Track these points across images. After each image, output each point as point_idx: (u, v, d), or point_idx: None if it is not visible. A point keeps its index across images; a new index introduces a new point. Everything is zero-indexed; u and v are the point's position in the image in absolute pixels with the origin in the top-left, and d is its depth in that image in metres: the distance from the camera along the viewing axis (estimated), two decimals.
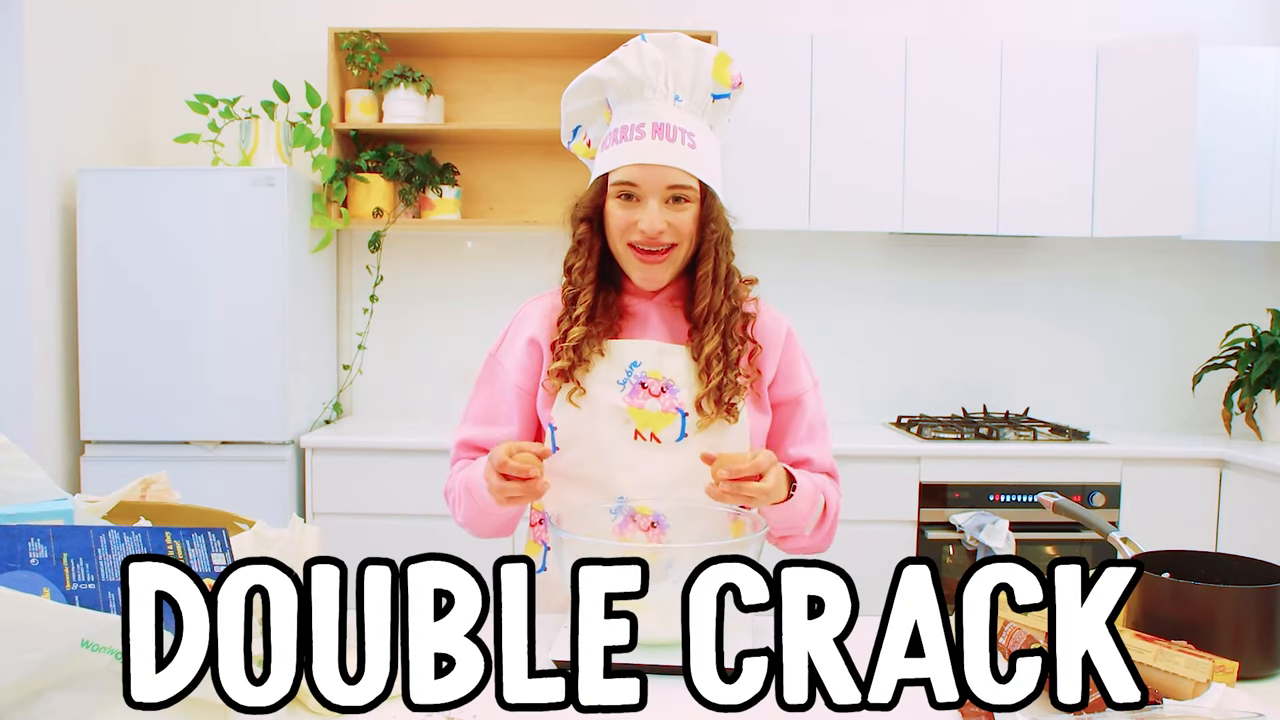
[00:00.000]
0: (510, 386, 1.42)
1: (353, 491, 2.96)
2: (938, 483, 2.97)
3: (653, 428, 1.35)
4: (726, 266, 1.38)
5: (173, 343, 2.91)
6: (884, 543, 2.96)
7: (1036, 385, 3.54)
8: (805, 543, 1.39)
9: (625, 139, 1.33)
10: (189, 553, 1.05)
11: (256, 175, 2.91)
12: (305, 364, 3.11)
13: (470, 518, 1.40)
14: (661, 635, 1.15)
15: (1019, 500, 2.95)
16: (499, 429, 1.42)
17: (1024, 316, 3.54)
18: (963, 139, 3.14)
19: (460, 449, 1.46)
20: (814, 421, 1.43)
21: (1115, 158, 3.15)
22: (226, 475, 2.92)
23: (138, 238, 2.89)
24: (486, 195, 3.46)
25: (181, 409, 2.91)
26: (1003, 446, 3.00)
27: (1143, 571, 1.03)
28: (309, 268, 3.15)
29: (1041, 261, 3.53)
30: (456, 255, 3.50)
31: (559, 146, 3.40)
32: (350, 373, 3.45)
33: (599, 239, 1.39)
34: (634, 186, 1.32)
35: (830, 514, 1.39)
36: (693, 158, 1.32)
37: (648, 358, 1.37)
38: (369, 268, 3.43)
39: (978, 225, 3.18)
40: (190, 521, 1.21)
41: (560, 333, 1.38)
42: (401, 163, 3.24)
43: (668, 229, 1.33)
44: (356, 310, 3.47)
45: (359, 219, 3.24)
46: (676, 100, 1.33)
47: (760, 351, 1.41)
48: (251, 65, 3.36)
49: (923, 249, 3.51)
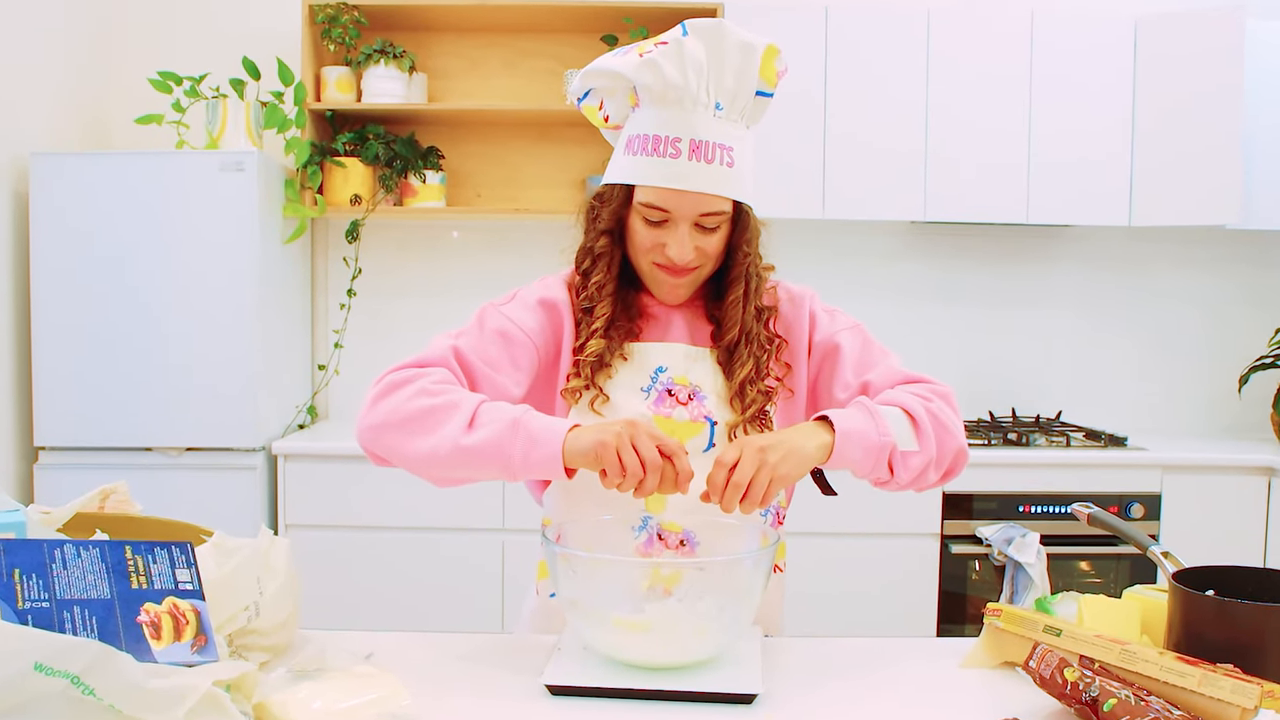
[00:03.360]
0: (519, 335, 1.34)
1: (328, 502, 2.95)
2: (962, 492, 2.97)
3: (680, 438, 1.34)
4: (757, 288, 1.39)
5: (133, 341, 2.90)
6: (904, 557, 2.96)
7: (1069, 387, 3.54)
8: (921, 459, 1.25)
9: (657, 153, 1.29)
10: (151, 569, 1.05)
11: (224, 159, 2.90)
12: (277, 364, 3.11)
13: (469, 452, 1.18)
14: (663, 658, 1.16)
15: (1051, 511, 2.95)
16: (500, 376, 1.31)
17: (1056, 312, 3.53)
18: (990, 120, 3.14)
19: (450, 353, 1.30)
20: (859, 357, 1.38)
21: (1154, 140, 3.15)
22: (192, 484, 2.91)
23: (95, 227, 2.89)
24: (474, 181, 3.46)
25: (143, 413, 2.91)
26: (1033, 453, 3.00)
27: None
28: (281, 259, 3.14)
29: (1074, 253, 3.53)
30: (441, 246, 3.49)
31: (553, 128, 3.40)
32: (326, 373, 3.44)
33: (620, 250, 1.39)
34: (665, 212, 1.31)
35: (922, 416, 1.26)
36: (730, 179, 1.30)
37: (674, 363, 1.38)
38: (346, 260, 3.43)
39: (1005, 214, 3.17)
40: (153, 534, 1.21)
41: (577, 343, 1.38)
42: (381, 146, 3.23)
43: (696, 255, 1.34)
44: (333, 306, 3.46)
45: (335, 207, 3.24)
46: (717, 109, 1.30)
47: (786, 346, 1.42)
48: (219, 40, 3.36)
49: (946, 239, 3.51)
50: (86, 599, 1.01)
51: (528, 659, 1.22)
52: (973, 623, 2.97)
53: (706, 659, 1.17)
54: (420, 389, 1.23)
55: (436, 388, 1.24)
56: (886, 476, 1.26)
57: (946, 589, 2.98)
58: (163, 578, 1.05)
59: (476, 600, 2.97)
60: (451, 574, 2.97)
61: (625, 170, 1.34)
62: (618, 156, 1.37)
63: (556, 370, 1.41)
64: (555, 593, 1.29)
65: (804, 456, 1.20)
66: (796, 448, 1.19)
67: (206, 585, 1.09)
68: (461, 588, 2.97)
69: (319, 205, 3.20)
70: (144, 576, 1.04)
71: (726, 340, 1.38)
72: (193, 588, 1.07)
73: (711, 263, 1.37)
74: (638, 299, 1.42)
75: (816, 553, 2.92)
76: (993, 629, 1.24)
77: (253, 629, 1.16)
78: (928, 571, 2.97)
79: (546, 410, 1.37)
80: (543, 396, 1.41)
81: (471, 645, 1.28)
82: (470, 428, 1.19)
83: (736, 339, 1.38)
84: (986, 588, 2.98)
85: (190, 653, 1.03)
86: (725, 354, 1.39)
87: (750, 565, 1.16)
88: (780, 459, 1.17)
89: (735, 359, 1.37)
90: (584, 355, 1.35)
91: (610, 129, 1.40)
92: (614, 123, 1.39)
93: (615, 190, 1.36)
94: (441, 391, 1.23)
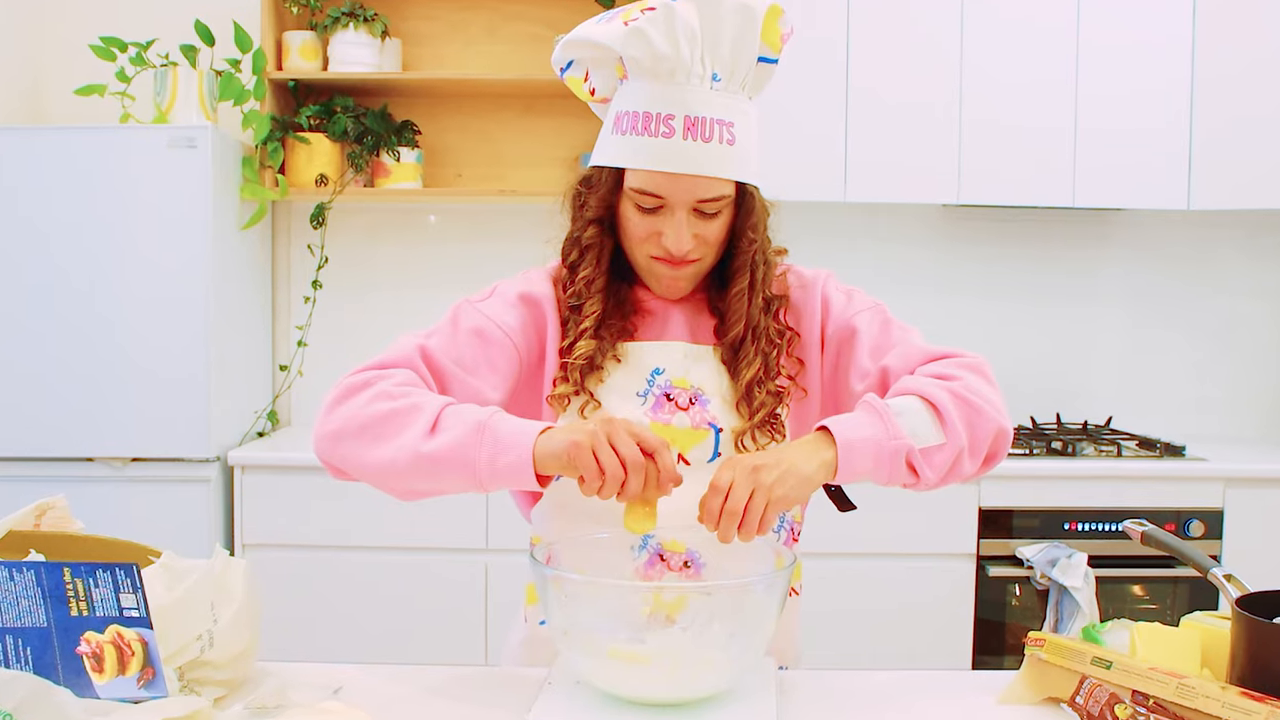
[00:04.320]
0: (497, 334, 1.35)
1: (291, 518, 2.95)
2: (1001, 508, 2.97)
3: (681, 447, 1.34)
4: (765, 276, 1.39)
5: (72, 339, 2.90)
6: (935, 580, 2.96)
7: (1120, 389, 3.53)
8: (948, 453, 1.23)
9: (648, 132, 1.29)
10: (93, 593, 1.05)
11: (174, 135, 2.90)
12: (233, 364, 3.11)
13: (431, 459, 1.18)
14: (665, 694, 1.15)
15: (1100, 529, 2.95)
16: (474, 379, 1.32)
17: (1105, 307, 3.53)
18: (1031, 93, 3.13)
19: (416, 353, 1.30)
20: (877, 340, 1.37)
21: (1216, 114, 3.14)
22: (138, 499, 2.91)
23: (28, 211, 2.88)
24: (454, 159, 3.46)
25: (83, 419, 2.90)
26: (1080, 464, 3.00)
27: None
28: (238, 247, 3.14)
29: (1126, 240, 3.52)
30: (417, 232, 3.49)
31: (542, 99, 3.40)
32: (288, 375, 3.44)
33: (610, 239, 1.39)
34: (658, 198, 1.31)
35: (944, 401, 1.24)
36: (731, 158, 1.30)
37: (672, 363, 1.38)
38: (311, 248, 3.43)
39: (1049, 196, 3.17)
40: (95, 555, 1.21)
41: (564, 343, 1.38)
42: (350, 120, 3.23)
43: (696, 244, 1.33)
44: (296, 299, 3.46)
45: (299, 188, 3.23)
46: (714, 81, 1.29)
47: (798, 340, 1.42)
48: (168, 2, 3.35)
49: (982, 225, 3.50)
50: (20, 627, 1.01)
51: (514, 694, 1.22)
52: (1012, 653, 2.96)
53: (714, 694, 1.17)
54: (379, 392, 1.24)
55: (398, 390, 1.24)
56: (911, 480, 1.24)
57: (983, 616, 2.98)
58: (105, 603, 1.05)
59: (457, 629, 2.97)
60: (429, 599, 2.96)
61: (614, 151, 1.34)
62: (605, 135, 1.36)
63: (541, 374, 1.41)
64: (545, 620, 1.29)
65: (803, 477, 1.18)
66: (794, 468, 1.18)
67: (154, 612, 1.09)
68: (440, 615, 2.97)
69: (280, 186, 3.19)
70: (84, 602, 1.04)
71: (730, 337, 1.38)
72: (139, 614, 1.06)
73: (713, 252, 1.37)
74: (631, 293, 1.42)
75: (837, 574, 2.92)
76: (1035, 660, 1.24)
77: (206, 661, 1.16)
78: (962, 596, 2.97)
79: (531, 419, 1.36)
80: (525, 403, 1.41)
81: (451, 679, 1.28)
82: (432, 433, 1.19)
83: (741, 336, 1.37)
84: (1028, 614, 2.98)
85: (136, 687, 1.03)
86: (730, 352, 1.39)
87: (763, 590, 1.16)
88: (776, 480, 1.16)
89: (741, 358, 1.37)
90: (572, 358, 1.35)
91: (598, 103, 1.40)
92: (601, 96, 1.39)
93: (603, 174, 1.36)
94: (403, 394, 1.23)
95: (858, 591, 2.96)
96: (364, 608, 2.96)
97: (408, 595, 2.96)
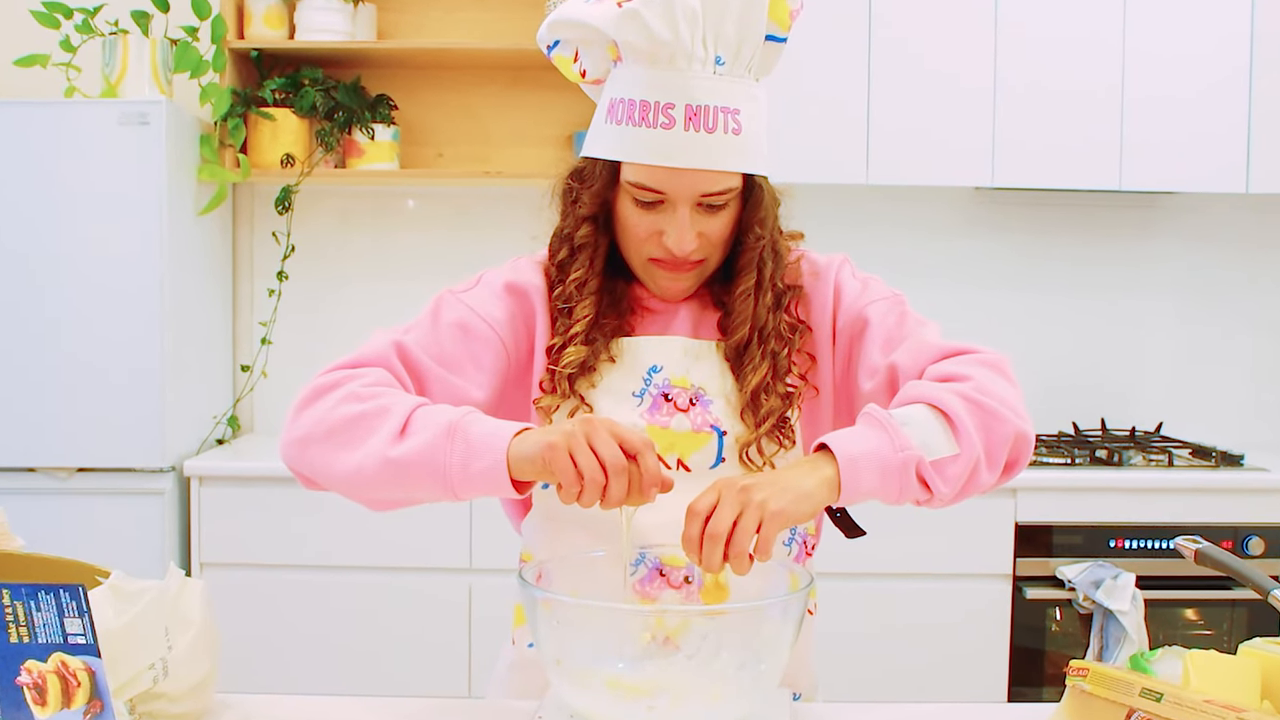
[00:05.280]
0: (482, 328, 1.36)
1: (254, 535, 2.95)
2: (1040, 523, 2.97)
3: (680, 452, 1.34)
4: (774, 272, 1.39)
5: (11, 336, 2.90)
6: (967, 603, 2.96)
7: (1172, 392, 3.53)
8: (963, 464, 1.20)
9: (646, 122, 1.29)
10: (34, 618, 1.05)
11: (124, 110, 2.90)
12: (190, 364, 3.11)
13: (399, 466, 1.18)
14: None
15: (1149, 547, 2.95)
16: (457, 377, 1.33)
17: (1155, 300, 3.53)
18: (1074, 63, 3.13)
19: (391, 350, 1.31)
20: (890, 332, 1.37)
21: (1278, 87, 3.15)
22: (86, 513, 2.91)
23: None
24: (434, 138, 3.46)
25: (24, 425, 2.91)
26: (1127, 474, 3.00)
27: None
28: (195, 235, 3.14)
29: (1178, 227, 3.52)
30: (394, 218, 3.49)
31: (529, 71, 3.40)
32: (251, 376, 3.44)
33: (605, 237, 1.39)
34: (658, 194, 1.31)
35: (956, 407, 1.21)
36: (737, 149, 1.30)
37: (671, 360, 1.38)
38: (276, 235, 3.43)
39: (1092, 178, 3.17)
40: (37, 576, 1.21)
41: (551, 341, 1.38)
42: (320, 94, 3.23)
43: (699, 243, 1.34)
44: (260, 292, 3.46)
45: (263, 169, 3.23)
46: (718, 65, 1.29)
47: (810, 334, 1.42)
48: None
49: (1018, 210, 3.50)
50: None
51: None
52: (1052, 684, 2.97)
53: None
54: (348, 393, 1.24)
55: (368, 391, 1.24)
56: (923, 496, 1.22)
57: (1020, 643, 2.98)
58: (48, 629, 1.05)
59: (438, 656, 2.97)
60: (407, 623, 2.97)
61: (609, 143, 1.34)
62: (599, 124, 1.36)
63: (531, 371, 1.41)
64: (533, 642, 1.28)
65: (801, 492, 1.15)
66: (791, 483, 1.15)
67: (102, 638, 1.09)
68: (419, 640, 2.97)
69: (242, 167, 3.19)
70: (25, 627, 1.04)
71: (735, 340, 1.38)
72: (85, 641, 1.06)
73: (718, 252, 1.38)
74: (629, 291, 1.43)
75: (858, 595, 2.92)
76: (1077, 692, 1.24)
77: (160, 693, 1.16)
78: (996, 621, 2.97)
79: (519, 420, 1.36)
80: (515, 404, 1.41)
81: (431, 711, 1.28)
82: (401, 436, 1.19)
83: (747, 338, 1.38)
84: (1069, 641, 2.98)
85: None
86: (734, 354, 1.39)
87: (778, 614, 1.16)
88: (770, 496, 1.12)
89: (746, 362, 1.37)
90: (560, 366, 1.35)
91: (590, 84, 1.40)
92: (593, 78, 1.39)
93: (598, 166, 1.36)
94: (372, 396, 1.23)
95: (881, 615, 2.96)
96: (335, 633, 2.96)
97: (383, 619, 2.96)
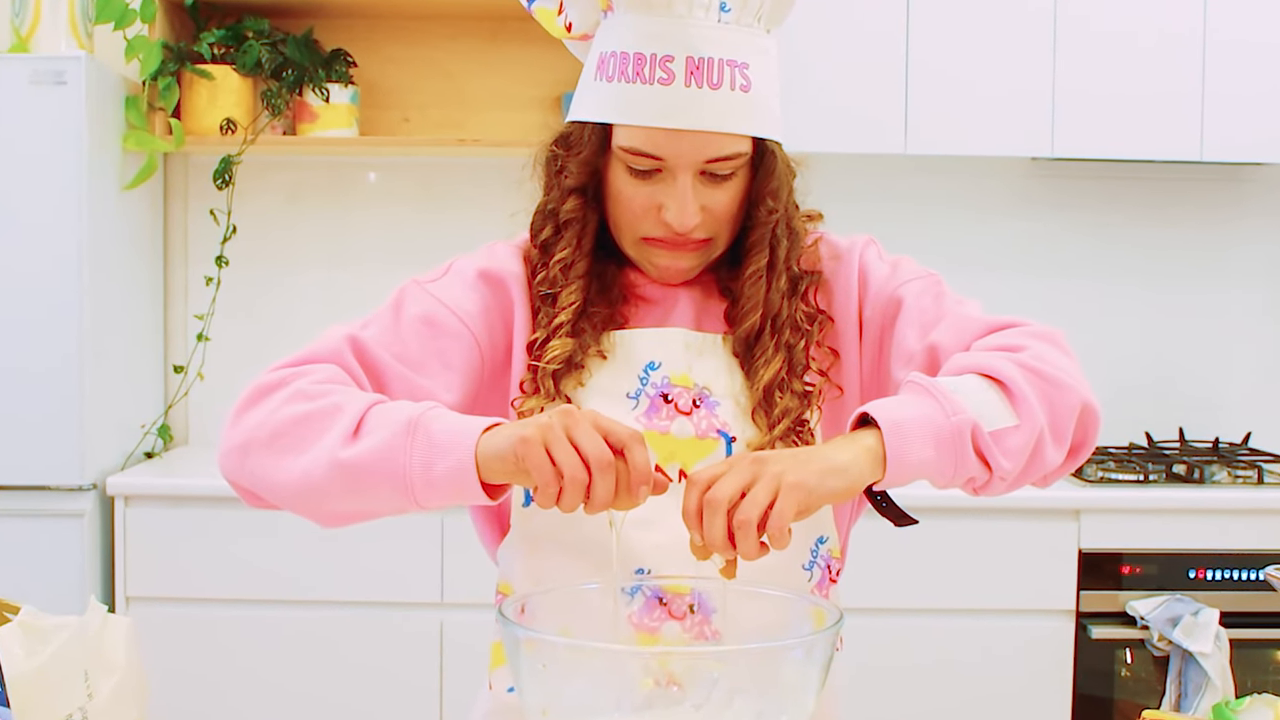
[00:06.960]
0: (452, 322, 1.37)
1: (189, 563, 2.95)
2: (1107, 550, 2.96)
3: (682, 461, 1.35)
4: (789, 253, 1.40)
5: None
6: (1024, 644, 2.96)
7: (1261, 398, 3.54)
8: (1024, 436, 1.19)
9: (641, 78, 1.30)
10: None
11: (37, 67, 2.90)
12: (114, 365, 3.11)
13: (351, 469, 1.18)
14: None
15: (1235, 579, 2.94)
16: (422, 378, 1.34)
17: (1241, 291, 3.54)
18: (1145, 18, 3.13)
19: (345, 345, 1.32)
20: (929, 314, 1.36)
21: None
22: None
23: None
24: (399, 100, 3.46)
25: None
26: (1209, 494, 3.00)
27: None
28: (119, 212, 3.14)
29: (1266, 206, 3.53)
30: (352, 193, 3.49)
31: (511, 23, 3.39)
32: (185, 378, 3.44)
33: (595, 213, 1.40)
34: (657, 160, 1.32)
35: (1012, 374, 1.20)
36: (746, 107, 1.31)
37: (670, 355, 1.39)
38: (215, 213, 3.43)
39: (1168, 149, 3.17)
40: None
41: (533, 336, 1.39)
42: (266, 49, 3.23)
43: (703, 218, 1.34)
44: (195, 280, 3.46)
45: (199, 136, 3.23)
46: (723, 12, 1.30)
47: (831, 325, 1.43)
48: None
49: (1081, 184, 3.51)
50: None
51: None
52: None
53: None
54: (295, 392, 1.24)
55: (317, 389, 1.24)
56: (982, 474, 1.18)
57: (1084, 689, 2.98)
58: None
59: (405, 702, 2.97)
60: (369, 667, 2.97)
61: (598, 103, 1.35)
62: (587, 82, 1.37)
63: (508, 371, 1.42)
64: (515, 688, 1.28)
65: (833, 466, 1.13)
66: (819, 456, 1.14)
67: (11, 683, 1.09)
68: (383, 686, 2.97)
69: (175, 134, 3.19)
70: None
71: (745, 329, 1.39)
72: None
73: (726, 230, 1.39)
74: (621, 276, 1.43)
75: (895, 633, 2.91)
76: None
77: None
78: (1057, 663, 2.96)
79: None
80: (490, 407, 1.41)
81: None
82: (355, 436, 1.19)
83: (758, 328, 1.38)
84: (1143, 688, 2.98)
85: None
86: (744, 346, 1.40)
87: (801, 655, 1.16)
88: (789, 467, 1.10)
89: (757, 355, 1.38)
90: (544, 362, 1.36)
91: (576, 40, 1.42)
92: (580, 32, 1.40)
93: (586, 131, 1.36)
94: (323, 393, 1.24)
95: (921, 657, 2.95)
96: (284, 679, 2.96)
97: (341, 662, 2.97)
